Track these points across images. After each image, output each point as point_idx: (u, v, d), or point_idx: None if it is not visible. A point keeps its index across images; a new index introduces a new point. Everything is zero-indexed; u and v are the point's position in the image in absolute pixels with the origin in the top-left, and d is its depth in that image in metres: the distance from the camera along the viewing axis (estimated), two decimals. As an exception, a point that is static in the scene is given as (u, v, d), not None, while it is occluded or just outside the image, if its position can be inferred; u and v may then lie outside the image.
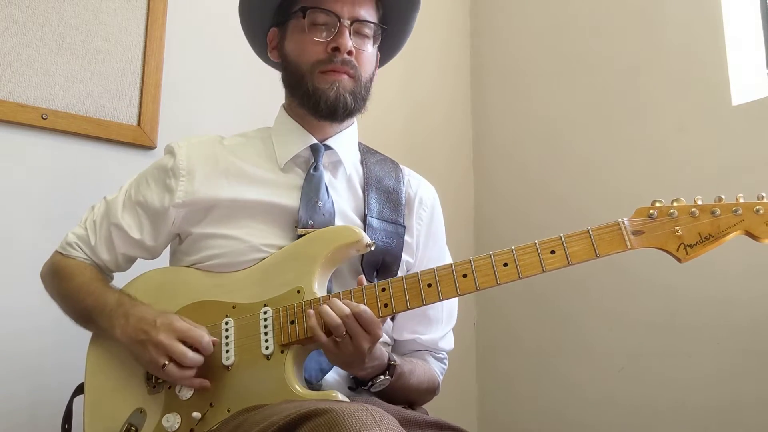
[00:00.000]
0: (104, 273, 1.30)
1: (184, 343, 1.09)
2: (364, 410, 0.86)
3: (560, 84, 2.18)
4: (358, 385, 1.17)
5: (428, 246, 1.34)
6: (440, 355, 1.34)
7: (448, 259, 1.37)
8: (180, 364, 1.08)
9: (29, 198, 1.65)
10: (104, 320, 1.17)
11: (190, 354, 1.08)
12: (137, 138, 1.78)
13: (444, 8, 2.47)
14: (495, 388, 2.24)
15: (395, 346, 1.31)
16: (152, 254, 1.31)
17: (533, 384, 2.11)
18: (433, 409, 1.29)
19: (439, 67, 2.44)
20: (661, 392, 1.78)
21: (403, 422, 0.98)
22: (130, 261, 1.32)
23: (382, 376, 1.13)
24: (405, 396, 1.21)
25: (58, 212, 1.63)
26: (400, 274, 1.26)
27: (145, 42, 1.82)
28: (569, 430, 1.99)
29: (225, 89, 1.95)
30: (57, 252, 1.31)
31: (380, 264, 1.23)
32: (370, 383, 1.13)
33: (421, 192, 1.36)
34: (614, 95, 2.01)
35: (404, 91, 2.30)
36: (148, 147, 1.79)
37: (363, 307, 1.03)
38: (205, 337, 1.10)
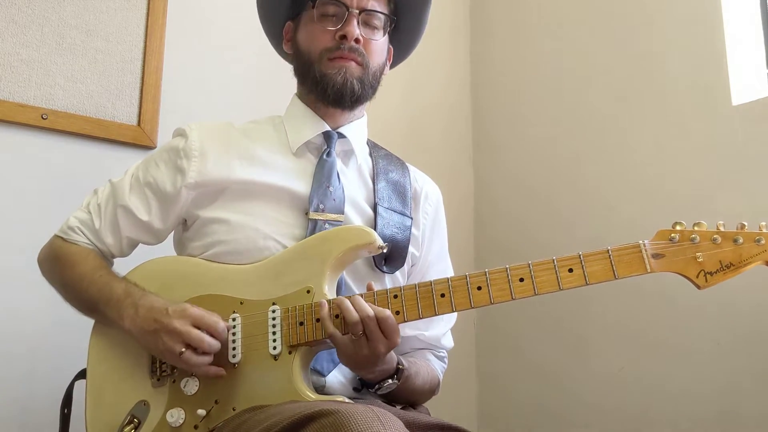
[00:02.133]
0: (107, 259, 1.27)
1: (199, 329, 1.07)
2: (370, 412, 0.86)
3: (560, 83, 2.18)
4: (363, 387, 1.16)
5: (433, 240, 1.34)
6: (441, 353, 1.34)
7: (446, 257, 1.39)
8: (198, 350, 1.06)
9: (29, 198, 1.64)
10: (111, 310, 1.14)
11: (208, 339, 1.07)
12: (137, 138, 1.77)
13: (445, 8, 2.47)
14: (495, 388, 2.24)
15: None
16: (158, 238, 1.28)
17: (533, 384, 2.11)
18: (433, 409, 1.28)
19: (439, 63, 2.43)
20: (661, 392, 1.78)
21: (407, 424, 0.97)
22: (133, 246, 1.29)
23: (390, 380, 1.12)
24: (408, 397, 1.21)
25: (58, 212, 1.59)
26: (406, 266, 1.27)
27: (145, 42, 1.82)
28: (569, 429, 1.99)
29: (225, 89, 1.94)
30: (57, 236, 1.27)
31: (388, 253, 1.22)
32: (377, 386, 1.13)
33: (427, 188, 1.37)
34: (614, 94, 2.01)
35: (404, 89, 2.30)
36: (148, 147, 1.78)
37: (388, 312, 1.02)
38: (220, 323, 1.08)
